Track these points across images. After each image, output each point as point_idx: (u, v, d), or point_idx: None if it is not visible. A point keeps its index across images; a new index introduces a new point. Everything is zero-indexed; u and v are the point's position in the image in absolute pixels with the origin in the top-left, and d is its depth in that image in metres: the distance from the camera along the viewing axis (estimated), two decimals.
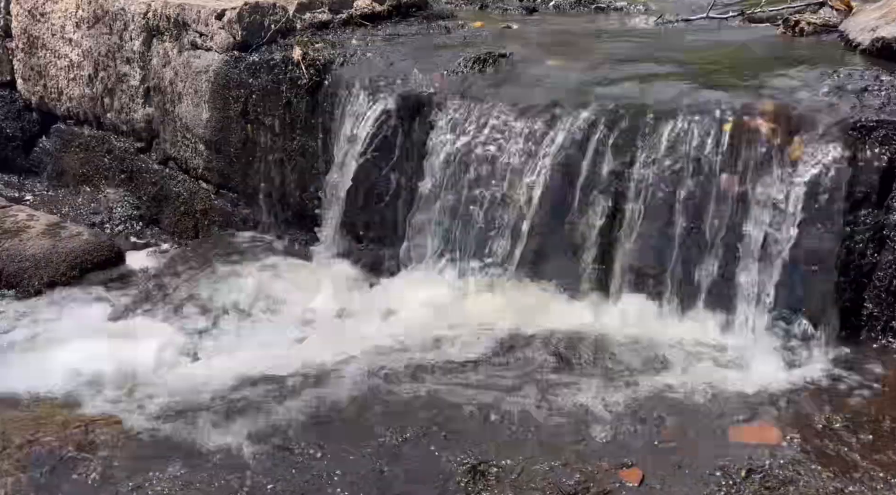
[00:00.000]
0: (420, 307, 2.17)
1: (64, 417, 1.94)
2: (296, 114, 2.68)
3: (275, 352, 2.18)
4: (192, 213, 3.16)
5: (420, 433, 1.57)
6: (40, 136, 3.63)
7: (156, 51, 3.04)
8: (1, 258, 2.76)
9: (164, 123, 3.14)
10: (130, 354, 2.29)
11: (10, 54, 3.51)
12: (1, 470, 1.74)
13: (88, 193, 3.46)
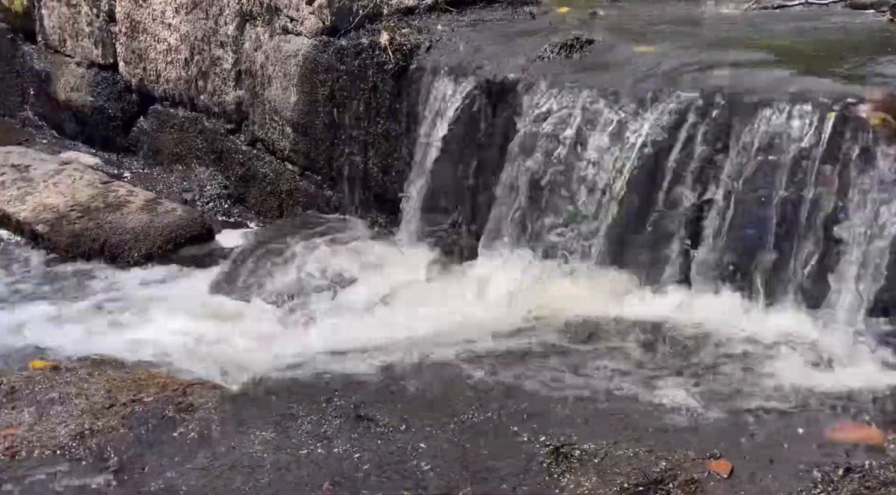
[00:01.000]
0: (499, 291, 2.19)
1: (163, 380, 2.06)
2: (381, 98, 2.74)
3: (357, 328, 2.25)
4: (277, 194, 3.27)
5: (501, 413, 1.60)
6: (138, 117, 3.83)
7: (248, 35, 3.15)
8: (104, 230, 2.94)
9: (253, 106, 3.26)
10: (223, 324, 2.42)
11: (114, 38, 3.71)
12: (109, 425, 1.87)
13: (181, 172, 3.64)
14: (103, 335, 2.42)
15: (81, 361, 2.21)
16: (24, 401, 1.98)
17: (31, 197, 3.11)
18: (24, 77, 4.30)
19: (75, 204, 3.07)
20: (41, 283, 2.72)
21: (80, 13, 3.81)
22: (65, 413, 1.94)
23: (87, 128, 4.04)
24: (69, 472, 1.71)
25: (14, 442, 1.82)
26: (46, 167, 3.34)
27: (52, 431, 1.86)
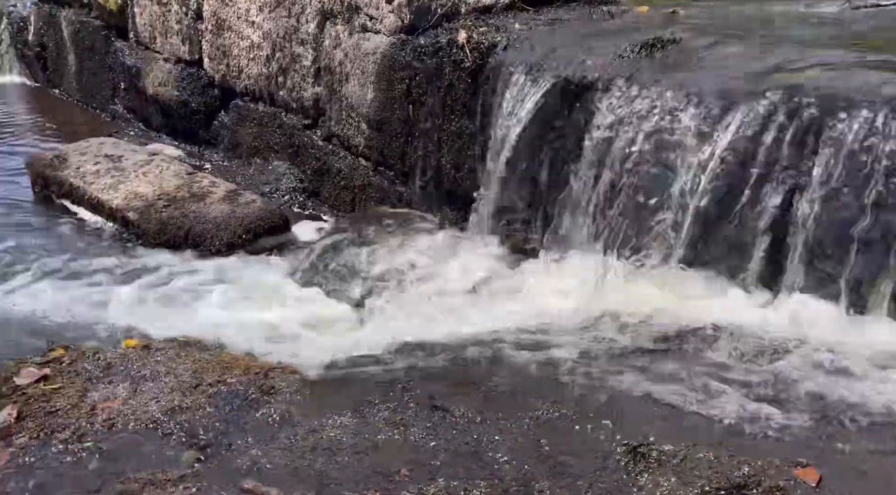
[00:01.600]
0: (573, 289, 2.19)
1: (246, 363, 2.16)
2: (456, 96, 2.77)
3: (429, 320, 2.30)
4: (350, 188, 3.36)
5: (576, 410, 1.61)
6: (220, 111, 3.99)
7: (328, 33, 3.25)
8: (189, 218, 3.09)
9: (330, 102, 3.35)
10: (300, 312, 2.51)
11: (200, 35, 3.88)
12: (197, 403, 1.98)
13: (259, 165, 3.77)
14: (188, 318, 2.54)
15: (169, 342, 2.33)
16: (119, 377, 2.11)
17: (122, 185, 3.29)
18: (116, 72, 4.54)
19: (163, 193, 3.22)
20: (132, 268, 2.88)
21: (169, 11, 4.00)
22: (156, 389, 2.06)
23: (171, 121, 4.24)
24: (162, 445, 1.81)
25: (111, 414, 1.95)
26: (137, 157, 3.52)
27: (146, 406, 1.97)
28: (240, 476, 1.62)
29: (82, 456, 1.78)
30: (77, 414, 1.94)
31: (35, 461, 1.77)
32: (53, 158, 3.51)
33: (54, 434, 1.86)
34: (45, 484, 1.68)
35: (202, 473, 1.65)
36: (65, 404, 1.97)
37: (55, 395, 2.01)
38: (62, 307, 2.61)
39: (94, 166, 3.43)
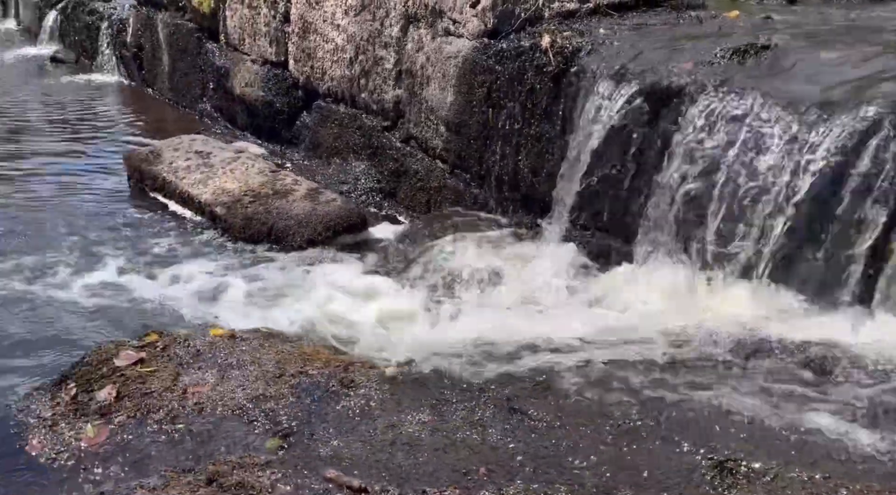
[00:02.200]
0: (652, 300, 2.16)
1: (326, 356, 2.23)
2: (537, 100, 2.77)
3: (504, 323, 2.31)
4: (426, 190, 3.41)
5: (658, 421, 1.59)
6: (302, 112, 4.12)
7: (411, 37, 3.31)
8: (272, 214, 3.20)
9: (410, 105, 3.41)
10: (377, 310, 2.56)
11: (287, 38, 4.01)
12: (280, 393, 2.05)
13: (338, 165, 3.87)
14: (271, 310, 2.64)
15: (253, 332, 2.43)
16: (208, 363, 2.21)
17: (211, 181, 3.44)
18: (206, 72, 4.76)
19: (248, 189, 3.36)
20: (218, 259, 3.01)
21: (259, 14, 4.16)
22: (242, 377, 2.14)
23: (256, 120, 4.40)
24: (247, 431, 1.89)
25: (201, 398, 2.05)
26: (224, 154, 3.68)
27: (232, 393, 2.06)
28: (322, 465, 1.67)
29: (175, 437, 1.88)
30: (170, 396, 2.05)
31: (132, 439, 1.88)
32: (148, 154, 3.71)
33: (149, 414, 1.97)
34: (142, 461, 1.79)
35: (286, 460, 1.71)
36: (159, 387, 2.08)
37: (150, 378, 2.12)
38: (154, 294, 2.76)
39: (186, 162, 3.60)
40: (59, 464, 1.78)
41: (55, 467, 1.77)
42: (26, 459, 1.80)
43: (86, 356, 2.21)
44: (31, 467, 1.77)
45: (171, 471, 1.68)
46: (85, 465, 1.78)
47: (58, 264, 2.92)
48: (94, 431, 1.90)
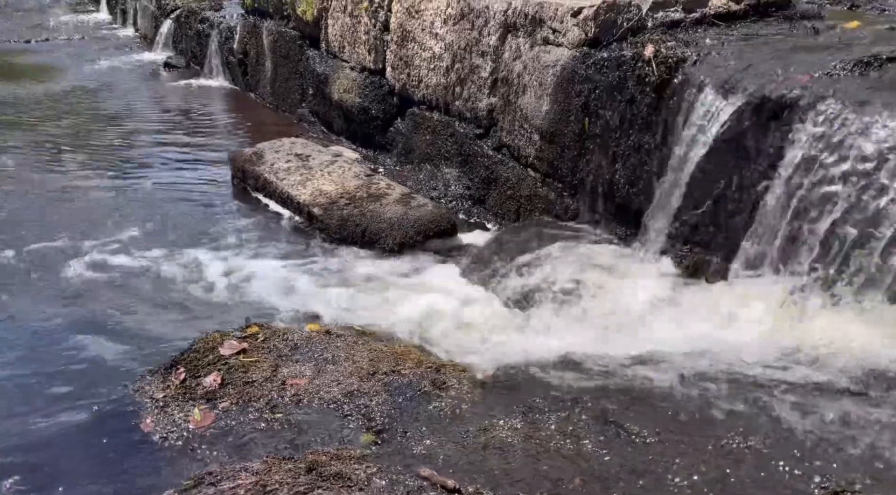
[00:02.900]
0: (754, 318, 2.08)
1: (418, 357, 2.27)
2: (637, 110, 2.73)
3: (599, 334, 2.28)
4: (517, 198, 3.41)
5: (766, 444, 1.53)
6: (396, 118, 4.22)
7: (509, 45, 3.33)
8: (366, 217, 3.29)
9: (504, 113, 3.43)
10: (467, 314, 2.58)
11: (385, 46, 4.13)
12: (373, 390, 2.11)
13: (429, 171, 3.94)
14: (363, 309, 2.71)
15: (348, 329, 2.50)
16: (305, 357, 2.29)
17: (310, 183, 3.57)
18: (306, 78, 4.95)
19: (344, 192, 3.47)
20: (315, 258, 3.12)
21: (359, 23, 4.29)
22: (337, 372, 2.22)
23: (351, 125, 4.54)
24: (342, 425, 1.95)
25: (298, 390, 2.13)
26: (322, 158, 3.81)
27: (328, 387, 2.14)
28: (415, 462, 1.70)
29: (274, 426, 1.96)
30: (270, 386, 2.14)
31: (235, 424, 1.97)
32: (252, 154, 3.90)
33: (251, 402, 2.07)
34: (245, 445, 1.88)
35: (381, 455, 1.76)
36: (259, 377, 2.18)
37: (252, 367, 2.23)
38: (253, 288, 2.89)
39: (286, 164, 3.76)
40: (169, 443, 1.90)
41: (166, 445, 1.89)
42: (141, 436, 1.92)
43: (194, 343, 2.34)
44: (144, 443, 1.89)
45: (272, 457, 1.76)
46: (192, 446, 1.89)
47: (164, 255, 3.11)
48: (201, 415, 2.01)
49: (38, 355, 2.36)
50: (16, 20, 8.21)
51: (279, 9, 5.15)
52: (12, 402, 2.11)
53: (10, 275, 2.86)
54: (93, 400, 2.11)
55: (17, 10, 8.74)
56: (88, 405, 2.09)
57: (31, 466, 1.81)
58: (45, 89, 5.61)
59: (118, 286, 2.84)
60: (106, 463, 1.82)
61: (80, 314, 2.62)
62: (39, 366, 2.30)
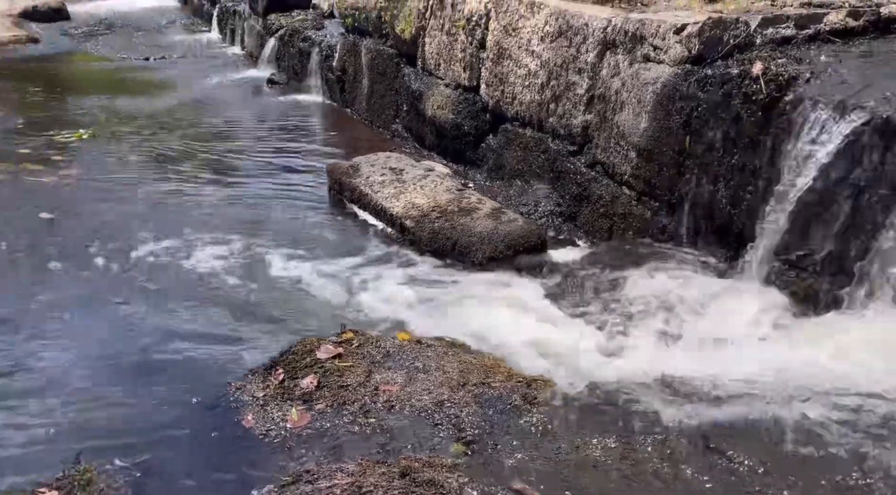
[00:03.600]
0: (871, 351, 1.95)
1: (507, 371, 2.27)
2: (742, 129, 2.64)
3: (693, 359, 2.20)
4: (609, 216, 3.36)
5: (886, 483, 1.43)
6: (488, 134, 4.26)
7: (607, 62, 3.30)
8: (457, 230, 3.33)
9: (599, 130, 3.39)
10: (556, 331, 2.56)
11: (481, 63, 4.18)
12: (463, 400, 2.12)
13: (519, 187, 3.94)
14: (452, 320, 2.73)
15: (438, 340, 2.53)
16: (397, 365, 2.34)
17: (403, 196, 3.65)
18: (401, 95, 5.08)
19: (436, 205, 3.52)
20: (405, 269, 3.18)
21: (456, 41, 4.38)
22: (427, 381, 2.24)
23: (443, 141, 4.62)
24: (433, 433, 1.97)
25: (390, 397, 2.17)
26: (415, 172, 3.89)
27: (419, 395, 2.17)
28: (506, 475, 1.70)
29: (367, 430, 2.01)
30: (363, 391, 2.19)
31: (330, 426, 2.03)
32: (348, 167, 4.03)
33: (345, 405, 2.13)
34: (339, 447, 1.93)
35: (472, 466, 1.76)
36: (353, 381, 2.24)
37: (346, 372, 2.29)
38: (346, 295, 2.97)
39: (381, 177, 3.86)
40: (268, 440, 1.98)
41: (265, 442, 1.97)
42: (242, 431, 2.01)
43: (292, 346, 2.44)
44: (246, 439, 1.98)
45: (367, 460, 1.80)
46: (289, 444, 1.96)
47: (262, 260, 3.25)
48: (298, 415, 2.09)
49: (149, 353, 2.51)
50: (136, 39, 8.87)
51: (378, 28, 5.33)
52: (126, 394, 2.25)
53: (120, 276, 3.07)
54: (198, 394, 2.23)
55: (136, 29, 9.44)
56: (195, 399, 2.21)
57: (144, 454, 1.93)
58: (160, 103, 6.01)
59: (218, 288, 2.99)
60: (212, 455, 1.91)
61: (186, 314, 2.78)
62: (150, 362, 2.45)
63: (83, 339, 2.56)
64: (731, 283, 2.63)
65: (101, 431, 2.03)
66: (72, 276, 3.02)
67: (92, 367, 2.39)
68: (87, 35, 9.05)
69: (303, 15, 7.09)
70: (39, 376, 2.30)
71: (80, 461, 1.85)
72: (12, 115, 5.38)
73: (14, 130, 5.00)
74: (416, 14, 4.79)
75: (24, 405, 2.15)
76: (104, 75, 7.31)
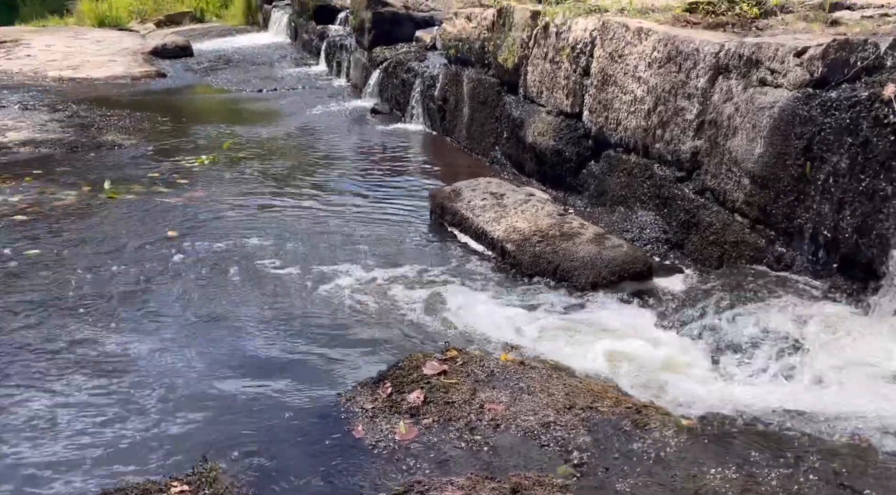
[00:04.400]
0: None
1: (615, 396, 2.22)
2: (871, 154, 2.50)
3: (819, 391, 2.08)
4: (720, 244, 3.24)
5: None
6: (590, 161, 4.24)
7: (719, 87, 3.22)
8: (559, 255, 3.32)
9: (709, 156, 3.30)
10: (664, 359, 2.48)
11: (584, 90, 4.19)
12: (570, 423, 2.09)
13: (622, 213, 3.89)
14: (555, 344, 2.71)
15: (542, 362, 2.52)
16: (501, 384, 2.34)
17: (503, 220, 3.68)
18: (501, 122, 5.16)
19: (537, 230, 3.53)
20: (506, 291, 3.19)
21: (559, 68, 4.41)
22: (532, 402, 2.23)
23: (543, 167, 4.63)
24: (540, 454, 1.95)
25: (496, 415, 2.17)
26: (516, 197, 3.92)
27: (525, 415, 2.15)
28: None
29: (473, 446, 2.02)
30: (468, 409, 2.21)
31: (437, 441, 2.05)
32: (450, 192, 4.11)
33: (451, 421, 2.14)
34: (446, 461, 1.94)
35: (582, 488, 1.73)
36: (459, 398, 2.26)
37: (452, 389, 2.31)
38: (448, 315, 3.01)
39: (482, 201, 3.91)
40: (377, 451, 2.02)
41: (375, 452, 2.01)
42: (353, 441, 2.07)
43: (399, 361, 2.49)
44: (356, 448, 2.03)
45: (476, 475, 1.80)
46: (398, 456, 1.99)
47: (367, 278, 3.34)
48: (406, 428, 2.12)
49: (264, 361, 2.64)
50: (251, 73, 9.48)
51: (481, 58, 5.45)
52: (245, 399, 2.37)
53: (239, 287, 3.25)
54: (311, 404, 2.31)
55: (251, 64, 10.10)
56: (307, 407, 2.29)
57: (262, 457, 2.01)
58: (272, 131, 6.38)
59: (327, 302, 3.11)
60: (325, 461, 1.97)
61: (296, 327, 2.90)
62: (266, 371, 2.57)
63: (205, 346, 2.72)
64: (859, 315, 2.47)
65: (223, 434, 2.14)
66: (194, 287, 3.23)
67: (214, 373, 2.53)
68: (208, 69, 9.77)
69: (406, 47, 7.36)
70: (168, 381, 2.46)
71: (207, 460, 1.96)
72: (144, 142, 5.86)
73: (145, 156, 5.44)
74: (520, 44, 4.87)
75: (157, 407, 2.30)
76: (223, 106, 7.85)
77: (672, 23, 3.75)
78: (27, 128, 6.13)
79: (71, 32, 12.37)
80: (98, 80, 8.76)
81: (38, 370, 2.51)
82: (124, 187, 4.60)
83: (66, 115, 6.79)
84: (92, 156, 5.39)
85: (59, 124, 6.36)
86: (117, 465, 1.97)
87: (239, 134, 6.19)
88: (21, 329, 2.82)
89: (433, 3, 8.50)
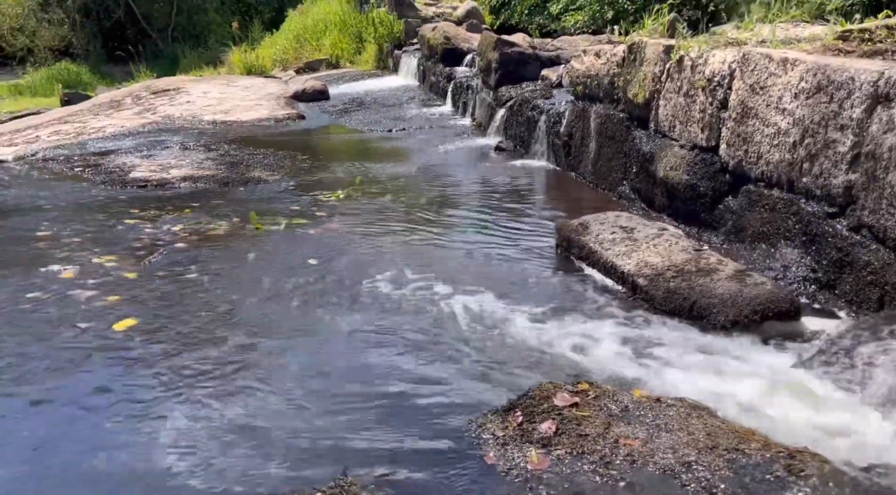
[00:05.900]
0: None
1: (764, 439, 2.08)
2: None
3: None
4: (879, 285, 2.98)
5: None
6: (727, 196, 4.06)
7: (877, 117, 3.01)
8: (695, 291, 3.18)
9: (867, 190, 3.07)
10: (815, 406, 2.30)
11: (721, 123, 4.05)
12: (714, 465, 1.98)
13: (763, 250, 3.67)
14: (692, 382, 2.59)
15: (679, 400, 2.41)
16: (636, 420, 2.26)
17: (634, 254, 3.60)
18: (630, 157, 5.07)
19: (671, 265, 3.41)
20: (638, 326, 3.10)
21: (694, 102, 4.29)
22: (671, 440, 2.13)
23: (674, 202, 4.49)
24: (681, 493, 1.86)
25: (631, 451, 2.09)
26: (648, 231, 3.82)
27: (663, 453, 2.06)
28: None
29: (608, 481, 1.96)
30: (602, 442, 2.15)
31: (570, 473, 2.01)
32: (578, 225, 4.08)
33: (584, 454, 2.09)
34: (582, 493, 1.90)
35: None
36: (592, 431, 2.21)
37: (584, 422, 2.26)
38: (577, 348, 2.95)
39: (611, 235, 3.85)
40: (510, 478, 2.01)
41: (507, 480, 2.00)
42: (485, 467, 2.07)
43: (529, 391, 2.48)
44: (489, 475, 2.03)
45: None
46: (531, 484, 1.97)
47: (494, 308, 3.36)
48: (538, 457, 2.10)
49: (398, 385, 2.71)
50: (381, 114, 9.98)
51: (609, 93, 5.42)
52: (379, 420, 2.44)
53: (375, 314, 3.38)
54: (443, 429, 2.34)
55: (382, 106, 10.64)
56: (438, 431, 2.32)
57: (397, 476, 2.06)
58: (401, 168, 6.65)
59: (457, 331, 3.15)
60: (458, 485, 1.99)
61: (430, 352, 2.96)
62: (400, 394, 2.64)
63: (343, 369, 2.85)
64: None
65: (360, 453, 2.21)
66: (332, 312, 3.40)
67: (349, 394, 2.63)
68: (342, 111, 10.40)
69: (532, 86, 7.47)
70: (308, 394, 2.59)
71: (347, 474, 2.03)
72: (286, 178, 6.30)
73: (287, 191, 5.84)
74: (651, 78, 4.80)
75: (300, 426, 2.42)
76: (355, 145, 8.30)
77: (822, 52, 3.56)
78: (187, 165, 6.79)
79: (223, 80, 13.63)
80: (246, 122, 9.56)
81: (195, 372, 2.73)
82: (269, 219, 4.95)
83: (219, 154, 7.46)
84: (241, 191, 5.86)
85: (213, 162, 6.99)
86: (260, 471, 2.08)
87: (370, 171, 6.51)
88: (192, 333, 3.08)
89: (559, 43, 8.59)
